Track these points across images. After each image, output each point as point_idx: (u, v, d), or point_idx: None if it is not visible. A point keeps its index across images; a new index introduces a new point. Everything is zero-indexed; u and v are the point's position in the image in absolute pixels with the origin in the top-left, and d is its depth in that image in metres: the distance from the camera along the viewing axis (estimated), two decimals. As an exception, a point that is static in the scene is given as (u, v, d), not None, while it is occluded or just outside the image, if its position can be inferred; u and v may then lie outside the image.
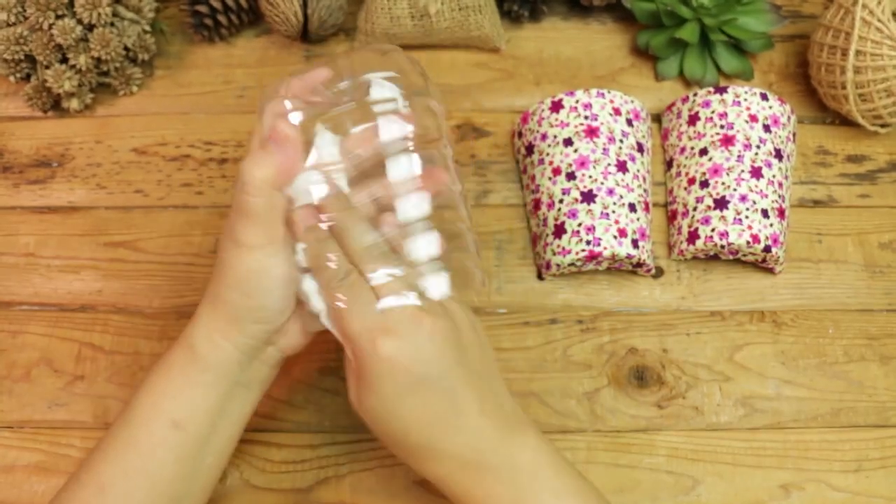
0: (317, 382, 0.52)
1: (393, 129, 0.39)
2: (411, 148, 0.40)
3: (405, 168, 0.39)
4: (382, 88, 0.40)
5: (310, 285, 0.40)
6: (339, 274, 0.38)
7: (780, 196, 0.55)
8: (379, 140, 0.39)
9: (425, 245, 0.39)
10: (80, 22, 0.59)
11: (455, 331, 0.38)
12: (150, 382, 0.41)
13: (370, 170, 0.40)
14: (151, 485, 0.39)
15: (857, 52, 0.56)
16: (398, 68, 0.41)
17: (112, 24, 0.61)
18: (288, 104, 0.39)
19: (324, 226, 0.39)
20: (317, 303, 0.39)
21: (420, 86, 0.41)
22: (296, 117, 0.39)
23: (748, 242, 0.53)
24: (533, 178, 0.57)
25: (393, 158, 0.39)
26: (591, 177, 0.54)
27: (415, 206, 0.39)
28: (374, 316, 0.37)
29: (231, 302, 0.40)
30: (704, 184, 0.55)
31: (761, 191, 0.54)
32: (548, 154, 0.56)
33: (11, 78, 0.62)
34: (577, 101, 0.56)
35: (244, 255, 0.38)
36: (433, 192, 0.40)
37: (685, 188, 0.56)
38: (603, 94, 0.56)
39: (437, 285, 0.39)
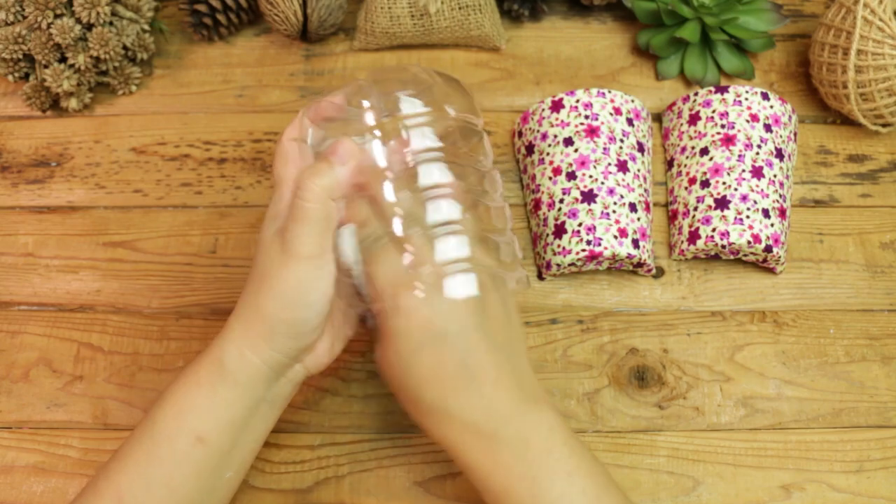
0: (316, 382, 0.52)
1: (424, 142, 0.41)
2: (440, 158, 0.41)
3: (436, 175, 0.41)
4: (410, 104, 0.42)
5: (348, 243, 0.41)
6: (374, 232, 0.40)
7: (781, 196, 0.55)
8: (411, 150, 0.41)
9: (454, 246, 0.40)
10: (78, 21, 0.59)
11: (478, 298, 0.40)
12: (176, 396, 0.41)
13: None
14: (171, 498, 0.40)
15: (859, 52, 0.55)
16: (419, 81, 0.43)
17: (111, 24, 0.61)
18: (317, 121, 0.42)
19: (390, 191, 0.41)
20: (353, 260, 0.41)
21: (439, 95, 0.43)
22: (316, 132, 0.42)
23: (749, 242, 0.52)
24: (533, 177, 0.57)
25: (425, 166, 0.41)
26: (591, 176, 0.54)
27: (446, 210, 0.41)
28: (400, 272, 0.39)
29: (270, 315, 0.40)
30: (705, 183, 0.55)
31: (762, 190, 0.54)
32: (548, 154, 0.56)
33: (10, 77, 0.62)
34: (577, 101, 0.56)
35: (294, 265, 0.39)
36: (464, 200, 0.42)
37: (686, 188, 0.56)
38: (603, 94, 0.56)
39: (465, 284, 0.40)
